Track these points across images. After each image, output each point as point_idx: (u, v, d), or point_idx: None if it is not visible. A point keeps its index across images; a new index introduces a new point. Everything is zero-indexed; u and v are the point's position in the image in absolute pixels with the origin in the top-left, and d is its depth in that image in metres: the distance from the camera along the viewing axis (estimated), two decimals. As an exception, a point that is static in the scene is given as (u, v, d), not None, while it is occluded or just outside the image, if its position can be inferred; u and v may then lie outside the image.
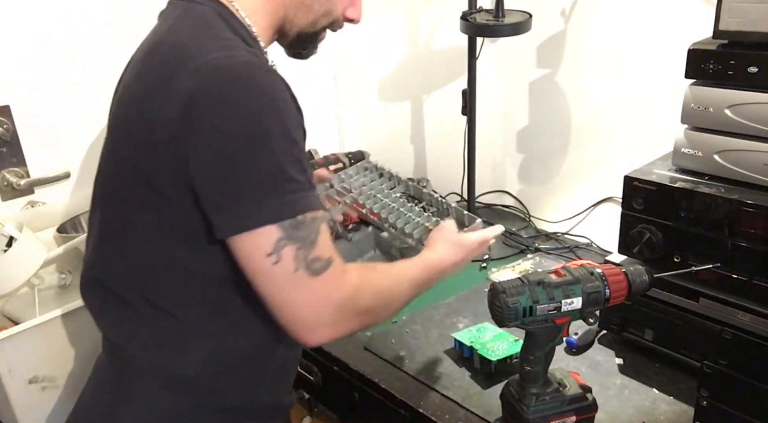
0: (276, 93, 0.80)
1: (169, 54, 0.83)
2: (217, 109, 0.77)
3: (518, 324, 0.96)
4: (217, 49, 0.80)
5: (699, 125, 1.10)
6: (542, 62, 1.68)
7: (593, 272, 0.97)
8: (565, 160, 1.72)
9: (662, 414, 1.08)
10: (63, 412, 1.27)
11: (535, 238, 1.71)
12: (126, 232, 0.89)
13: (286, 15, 0.94)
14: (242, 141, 0.77)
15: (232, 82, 0.78)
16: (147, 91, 0.83)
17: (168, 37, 0.86)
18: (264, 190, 0.78)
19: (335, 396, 1.36)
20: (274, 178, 0.78)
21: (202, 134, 0.77)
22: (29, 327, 1.19)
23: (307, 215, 0.80)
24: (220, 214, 0.79)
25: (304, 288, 0.80)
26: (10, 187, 1.48)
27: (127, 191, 0.87)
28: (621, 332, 1.23)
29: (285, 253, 0.78)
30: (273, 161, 0.78)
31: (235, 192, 0.78)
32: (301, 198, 0.80)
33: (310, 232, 0.80)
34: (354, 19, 1.01)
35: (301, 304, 0.81)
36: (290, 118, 0.80)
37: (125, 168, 0.86)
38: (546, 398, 1.00)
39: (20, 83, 1.46)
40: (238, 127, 0.77)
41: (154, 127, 0.80)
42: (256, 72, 0.79)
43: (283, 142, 0.78)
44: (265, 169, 0.78)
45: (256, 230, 0.77)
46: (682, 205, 1.08)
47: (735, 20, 1.03)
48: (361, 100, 2.13)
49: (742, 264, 1.04)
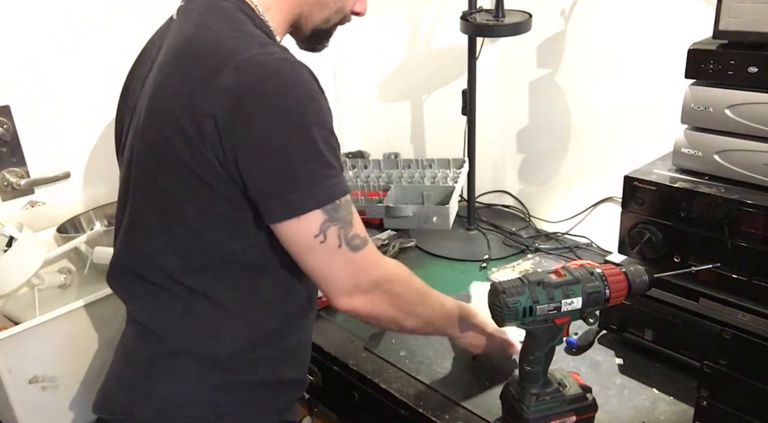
0: (312, 86, 0.86)
1: (209, 51, 0.86)
2: (262, 105, 0.82)
3: (518, 324, 0.96)
4: (255, 46, 0.85)
5: (699, 125, 1.10)
6: (542, 62, 1.68)
7: (593, 272, 0.98)
8: (565, 160, 1.72)
9: (662, 414, 1.08)
10: (63, 412, 1.27)
11: (535, 238, 1.71)
12: (165, 221, 0.92)
13: (301, 12, 0.99)
14: (288, 133, 0.83)
15: (273, 78, 0.83)
16: (191, 87, 0.86)
17: (201, 32, 0.89)
18: (308, 178, 0.85)
19: (335, 396, 1.36)
20: (316, 167, 0.85)
21: (250, 128, 0.83)
22: (29, 327, 1.19)
23: (342, 199, 0.88)
24: (268, 202, 0.86)
25: (347, 261, 0.90)
26: (10, 187, 1.48)
27: (169, 183, 0.90)
28: (621, 332, 1.23)
29: (330, 233, 0.87)
30: (315, 150, 0.84)
31: (282, 181, 0.85)
32: (338, 183, 0.87)
33: (348, 214, 0.89)
34: (361, 12, 1.06)
35: (344, 274, 0.91)
36: (325, 109, 0.87)
37: (167, 160, 0.89)
38: (546, 398, 1.00)
39: (20, 83, 1.46)
40: (283, 120, 0.83)
41: (200, 122, 0.84)
42: (292, 67, 0.85)
43: (322, 131, 0.85)
44: (308, 158, 0.84)
45: (304, 215, 0.85)
46: (682, 205, 1.08)
47: (735, 20, 1.03)
48: (361, 100, 2.13)
49: (742, 264, 1.04)
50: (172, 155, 0.88)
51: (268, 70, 0.83)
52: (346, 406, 1.31)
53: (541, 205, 1.80)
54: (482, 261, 1.60)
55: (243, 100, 0.82)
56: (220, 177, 0.87)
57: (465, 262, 1.61)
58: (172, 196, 0.90)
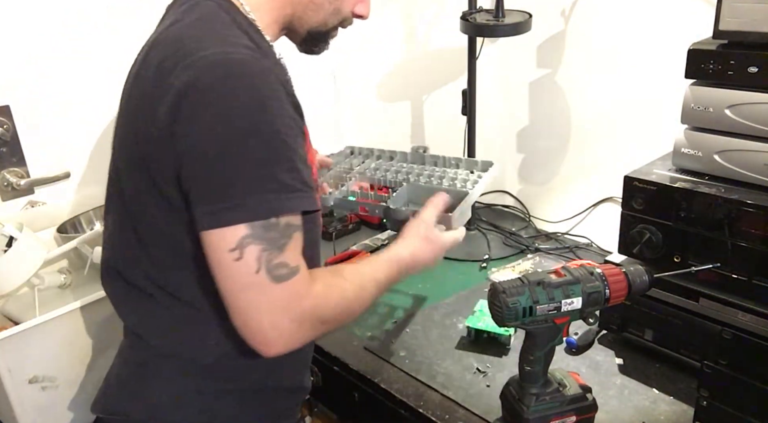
0: (268, 92, 0.79)
1: (169, 49, 0.83)
2: (204, 104, 0.77)
3: (518, 324, 0.96)
4: (216, 44, 0.80)
5: (699, 125, 1.10)
6: (542, 62, 1.68)
7: (593, 272, 0.98)
8: (565, 160, 1.72)
9: (662, 414, 1.08)
10: (63, 412, 1.27)
11: (535, 238, 1.71)
12: (137, 224, 0.90)
13: (293, 12, 0.95)
14: (225, 137, 0.76)
15: (223, 79, 0.77)
16: (148, 86, 0.84)
17: (170, 32, 0.86)
18: (242, 188, 0.77)
19: (335, 396, 1.36)
20: (253, 177, 0.77)
21: (189, 128, 0.77)
22: (29, 327, 1.19)
23: (282, 219, 0.79)
24: (198, 208, 0.79)
25: (264, 293, 0.78)
26: (10, 187, 1.48)
27: (136, 184, 0.88)
28: (621, 332, 1.23)
29: (248, 252, 0.77)
30: (254, 160, 0.77)
31: (214, 189, 0.77)
32: (282, 199, 0.78)
33: (282, 237, 0.79)
34: (363, 14, 1.02)
35: (259, 310, 0.79)
36: (281, 118, 0.79)
37: (133, 162, 0.88)
38: (546, 398, 1.00)
39: (20, 83, 1.46)
40: (223, 124, 0.76)
41: (152, 122, 0.81)
42: (250, 70, 0.79)
43: (269, 141, 0.78)
44: (246, 168, 0.77)
45: (227, 227, 0.77)
46: (682, 205, 1.08)
47: (735, 20, 1.03)
48: (361, 100, 2.13)
49: (742, 264, 1.04)
50: (135, 157, 0.86)
51: (220, 69, 0.78)
52: (346, 406, 1.31)
53: (541, 205, 1.80)
54: (482, 261, 1.60)
55: (186, 100, 0.77)
56: (171, 181, 0.82)
57: (465, 262, 1.61)
58: (141, 200, 0.87)
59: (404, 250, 1.02)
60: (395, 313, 1.40)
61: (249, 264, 0.77)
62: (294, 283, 0.80)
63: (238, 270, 0.77)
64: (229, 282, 0.79)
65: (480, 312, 1.31)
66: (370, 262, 0.98)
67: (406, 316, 1.38)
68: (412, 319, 1.38)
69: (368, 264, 0.98)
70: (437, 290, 1.49)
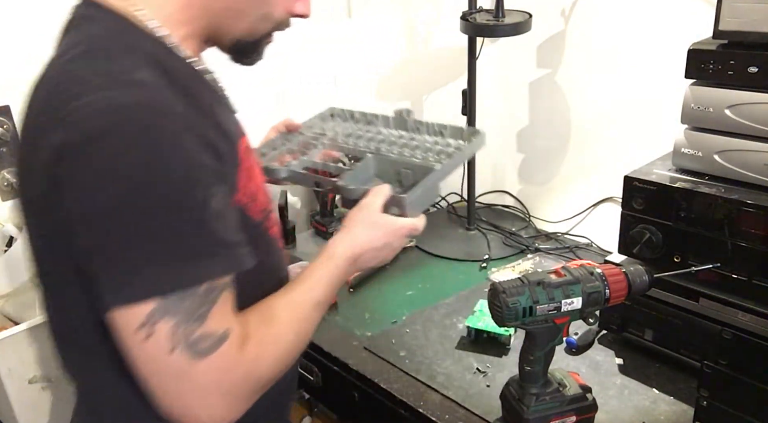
0: (165, 139, 0.66)
1: (45, 100, 0.73)
2: (83, 166, 0.65)
3: (518, 324, 0.96)
4: (98, 86, 0.67)
5: (699, 125, 1.10)
6: (542, 62, 1.68)
7: (593, 272, 0.98)
8: (565, 160, 1.72)
9: (662, 414, 1.08)
10: (63, 412, 1.27)
11: (535, 238, 1.71)
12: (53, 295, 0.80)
13: (210, 24, 0.81)
14: (114, 202, 0.64)
15: (105, 132, 0.65)
16: (27, 142, 0.75)
17: (50, 72, 0.77)
18: (142, 257, 0.65)
19: (335, 396, 1.36)
20: (154, 243, 0.65)
21: (71, 195, 0.66)
22: (29, 327, 1.19)
23: (196, 289, 0.67)
24: (95, 286, 0.66)
25: (185, 374, 0.67)
26: (10, 187, 1.48)
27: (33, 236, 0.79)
28: (621, 332, 1.23)
29: (159, 329, 0.65)
30: (153, 224, 0.65)
31: (105, 261, 0.66)
32: (193, 267, 0.67)
33: (201, 304, 0.67)
34: (304, 14, 0.88)
35: (182, 394, 0.68)
36: (184, 169, 0.67)
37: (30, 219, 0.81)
38: (546, 398, 1.00)
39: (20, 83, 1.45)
40: (109, 186, 0.64)
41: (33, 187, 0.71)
42: (140, 115, 0.66)
43: (169, 199, 0.66)
44: (142, 234, 0.65)
45: (131, 304, 0.65)
46: (682, 205, 1.08)
47: (735, 20, 1.03)
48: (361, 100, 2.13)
49: (742, 264, 1.04)
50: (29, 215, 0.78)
51: (99, 120, 0.65)
52: (346, 406, 1.31)
53: (541, 205, 1.80)
54: (482, 261, 1.60)
55: (63, 164, 0.66)
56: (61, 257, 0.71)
57: (465, 262, 1.61)
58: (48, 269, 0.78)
59: (345, 245, 0.89)
60: (395, 313, 1.40)
61: (160, 344, 0.66)
62: (221, 356, 0.68)
63: (149, 352, 0.66)
64: (143, 367, 0.68)
65: (480, 312, 1.31)
66: (304, 282, 0.84)
67: (406, 316, 1.38)
68: (412, 319, 1.38)
69: (302, 286, 0.84)
70: (437, 290, 1.49)
